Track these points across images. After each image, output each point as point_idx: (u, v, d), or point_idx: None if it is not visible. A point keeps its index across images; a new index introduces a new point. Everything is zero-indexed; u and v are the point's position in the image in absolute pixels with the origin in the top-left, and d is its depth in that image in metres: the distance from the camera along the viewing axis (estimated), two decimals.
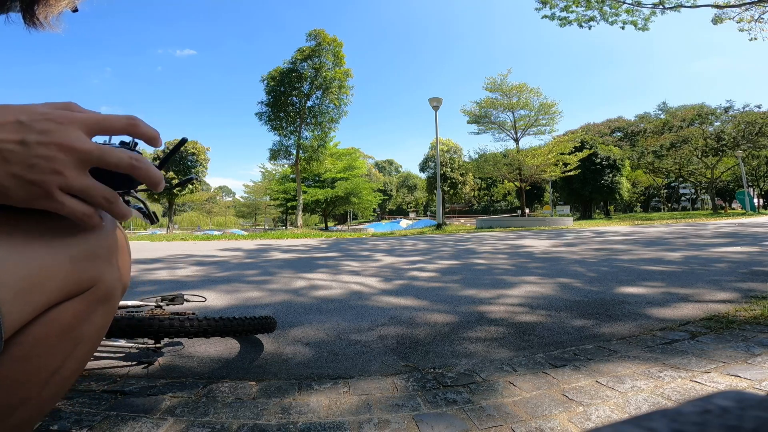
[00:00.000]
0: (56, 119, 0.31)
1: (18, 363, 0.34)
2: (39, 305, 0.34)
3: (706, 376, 1.00)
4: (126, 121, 0.35)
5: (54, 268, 0.34)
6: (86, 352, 0.42)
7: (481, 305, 1.94)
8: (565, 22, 6.74)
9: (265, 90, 19.52)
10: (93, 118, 0.33)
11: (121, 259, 0.44)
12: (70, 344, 0.39)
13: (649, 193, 49.06)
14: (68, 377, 0.41)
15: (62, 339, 0.38)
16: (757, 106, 29.43)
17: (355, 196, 28.57)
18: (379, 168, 68.82)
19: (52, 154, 0.30)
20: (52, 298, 0.35)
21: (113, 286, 0.42)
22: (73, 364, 0.41)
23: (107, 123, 0.34)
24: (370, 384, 1.03)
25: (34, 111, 0.31)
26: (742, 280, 2.37)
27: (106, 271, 0.40)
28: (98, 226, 0.37)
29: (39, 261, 0.33)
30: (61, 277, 0.35)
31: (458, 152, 46.46)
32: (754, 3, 5.91)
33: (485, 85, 19.59)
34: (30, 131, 0.30)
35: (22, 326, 0.33)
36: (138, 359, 1.21)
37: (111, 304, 0.43)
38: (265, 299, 2.21)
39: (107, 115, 0.34)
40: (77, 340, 0.40)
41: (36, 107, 0.31)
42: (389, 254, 4.80)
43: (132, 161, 0.34)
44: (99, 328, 0.43)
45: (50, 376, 0.38)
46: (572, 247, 5.00)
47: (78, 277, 0.37)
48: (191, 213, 57.05)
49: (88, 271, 0.38)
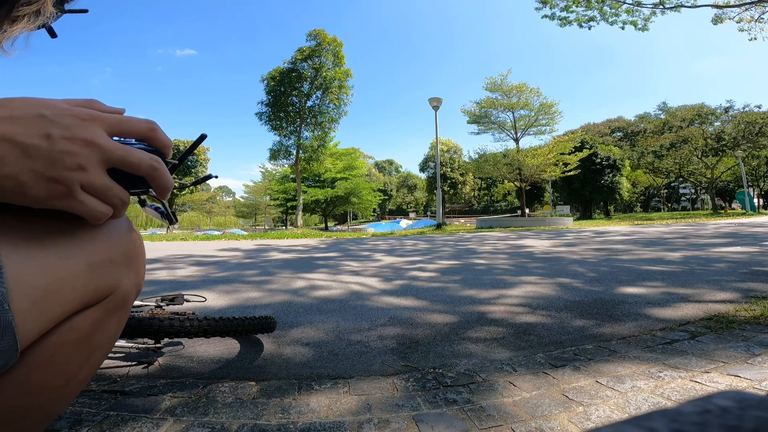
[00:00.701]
0: (79, 115, 0.30)
1: (35, 371, 0.34)
2: (56, 315, 0.33)
3: (706, 376, 1.00)
4: (147, 125, 0.35)
5: (72, 276, 0.33)
6: (100, 358, 0.42)
7: (482, 305, 1.94)
8: (565, 22, 6.75)
9: (265, 90, 19.54)
10: (115, 119, 0.33)
11: (138, 262, 0.43)
12: (87, 352, 0.38)
13: (649, 193, 49.06)
14: (81, 383, 0.41)
15: (79, 347, 0.37)
16: (757, 106, 29.44)
17: (355, 196, 28.56)
18: (379, 168, 68.83)
19: (77, 150, 0.29)
20: (69, 308, 0.34)
21: (129, 292, 0.41)
22: (87, 371, 0.40)
23: (129, 125, 0.34)
24: (370, 384, 1.03)
25: (56, 105, 0.30)
26: (742, 280, 2.37)
27: (123, 276, 0.39)
28: (105, 224, 0.37)
29: (56, 269, 0.32)
30: (80, 286, 0.34)
31: (458, 152, 46.48)
32: (754, 3, 5.91)
33: (485, 85, 19.62)
34: (54, 125, 0.29)
35: (39, 335, 0.32)
36: (138, 359, 1.21)
37: (126, 309, 0.42)
38: (264, 299, 2.21)
39: (129, 117, 0.34)
40: (93, 348, 0.39)
41: (57, 102, 0.31)
42: (389, 254, 4.80)
43: (152, 163, 0.34)
44: (113, 335, 0.42)
45: (65, 384, 0.38)
46: (572, 247, 5.00)
47: (96, 285, 0.36)
48: (191, 213, 57.01)
49: (107, 278, 0.37)
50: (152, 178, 0.34)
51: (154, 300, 1.38)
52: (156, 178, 0.34)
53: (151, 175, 0.34)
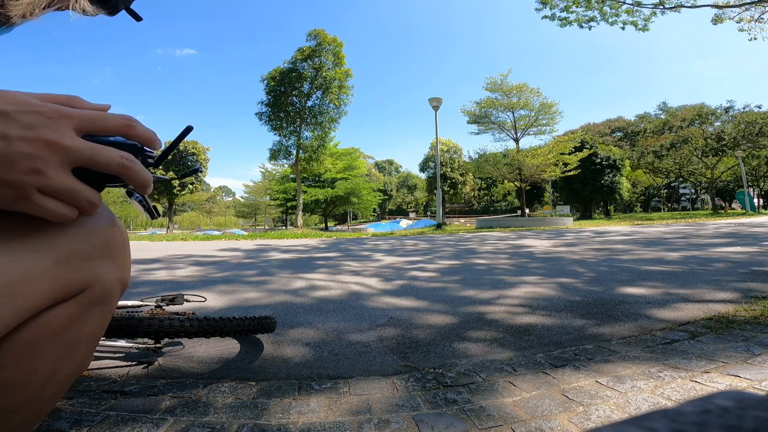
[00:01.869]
0: (46, 113, 0.29)
1: (7, 368, 0.34)
2: (22, 312, 0.32)
3: (706, 376, 1.00)
4: (122, 121, 0.34)
5: (37, 272, 0.33)
6: (83, 353, 0.41)
7: (482, 305, 1.94)
8: (566, 22, 6.75)
9: (265, 90, 19.52)
10: (86, 115, 0.31)
11: (120, 256, 0.42)
12: (64, 347, 0.38)
13: (649, 193, 49.05)
14: (65, 380, 0.40)
15: (54, 343, 0.37)
16: (757, 106, 29.44)
17: (355, 196, 28.56)
18: (379, 168, 68.82)
19: (34, 152, 0.28)
20: (37, 303, 0.33)
21: (111, 287, 0.40)
22: (70, 367, 0.40)
23: (102, 122, 0.33)
24: (370, 384, 1.03)
25: (24, 101, 0.29)
26: (742, 280, 2.37)
27: (102, 271, 0.39)
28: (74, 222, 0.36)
29: (20, 266, 0.31)
30: (46, 281, 0.33)
31: (458, 152, 46.47)
32: (754, 3, 5.91)
33: (485, 85, 19.61)
34: (13, 125, 0.28)
35: (6, 332, 0.32)
36: (138, 359, 1.21)
37: (109, 304, 0.41)
38: (264, 299, 2.21)
39: (103, 114, 0.33)
40: (72, 343, 0.38)
41: (29, 97, 0.30)
42: (389, 254, 4.80)
43: (123, 161, 0.33)
44: (95, 330, 0.41)
45: (45, 380, 0.37)
46: (572, 247, 5.00)
47: (67, 280, 0.35)
48: (191, 213, 57.01)
49: (80, 273, 0.37)
50: (125, 177, 0.34)
51: (154, 300, 1.38)
52: (129, 177, 0.34)
53: (123, 174, 0.33)
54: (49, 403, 0.40)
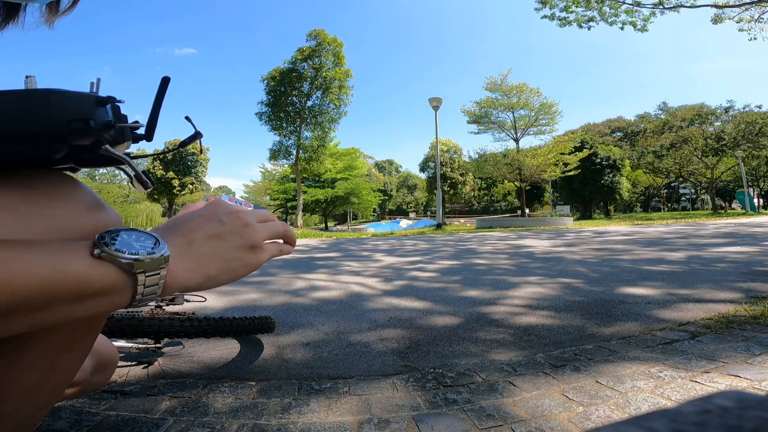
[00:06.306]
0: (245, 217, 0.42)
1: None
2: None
3: (706, 376, 1.00)
4: (282, 228, 0.45)
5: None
6: (72, 361, 0.40)
7: (482, 305, 1.94)
8: (565, 22, 6.75)
9: (265, 90, 19.52)
10: (264, 225, 0.43)
11: None
12: (50, 355, 0.37)
13: (649, 193, 49.05)
14: (53, 390, 0.39)
15: (36, 349, 0.35)
16: (757, 106, 29.44)
17: (355, 196, 28.55)
18: (379, 168, 68.80)
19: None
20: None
21: None
22: (59, 377, 0.39)
23: (275, 230, 0.44)
24: (370, 384, 1.03)
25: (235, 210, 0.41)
26: (742, 280, 2.37)
27: None
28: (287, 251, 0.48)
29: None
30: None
31: (458, 152, 46.45)
32: (753, 3, 5.92)
33: (485, 85, 19.61)
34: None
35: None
36: (138, 359, 1.21)
37: None
38: (264, 300, 2.21)
39: (274, 224, 0.44)
40: (60, 349, 0.37)
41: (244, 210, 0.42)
42: (389, 254, 4.80)
43: (285, 230, 0.45)
44: (87, 334, 0.40)
45: (32, 391, 0.36)
46: (573, 247, 5.00)
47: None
48: None
49: None
50: (287, 238, 0.46)
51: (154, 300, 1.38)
52: (290, 239, 0.47)
53: (286, 236, 0.46)
54: (40, 412, 0.39)
